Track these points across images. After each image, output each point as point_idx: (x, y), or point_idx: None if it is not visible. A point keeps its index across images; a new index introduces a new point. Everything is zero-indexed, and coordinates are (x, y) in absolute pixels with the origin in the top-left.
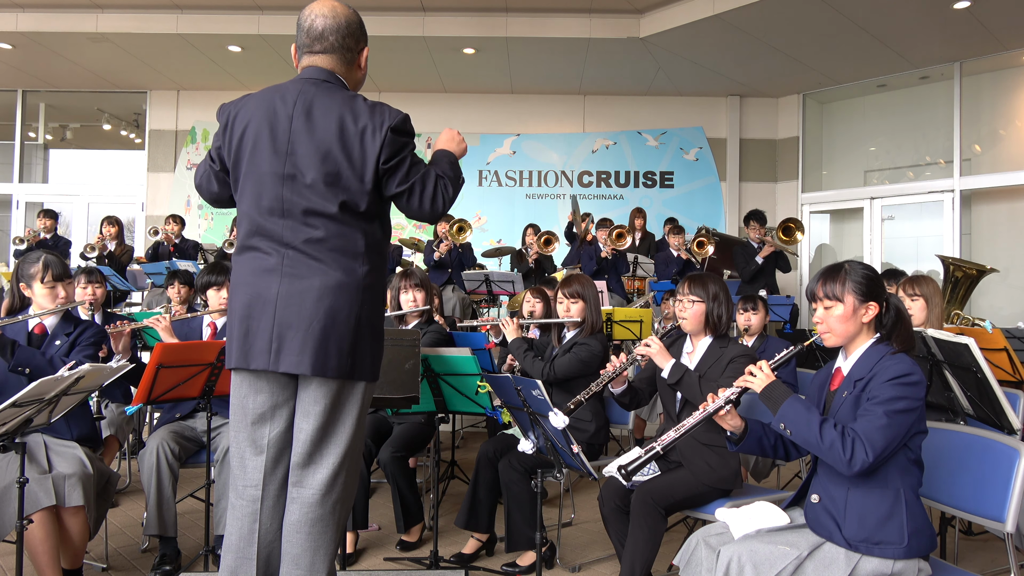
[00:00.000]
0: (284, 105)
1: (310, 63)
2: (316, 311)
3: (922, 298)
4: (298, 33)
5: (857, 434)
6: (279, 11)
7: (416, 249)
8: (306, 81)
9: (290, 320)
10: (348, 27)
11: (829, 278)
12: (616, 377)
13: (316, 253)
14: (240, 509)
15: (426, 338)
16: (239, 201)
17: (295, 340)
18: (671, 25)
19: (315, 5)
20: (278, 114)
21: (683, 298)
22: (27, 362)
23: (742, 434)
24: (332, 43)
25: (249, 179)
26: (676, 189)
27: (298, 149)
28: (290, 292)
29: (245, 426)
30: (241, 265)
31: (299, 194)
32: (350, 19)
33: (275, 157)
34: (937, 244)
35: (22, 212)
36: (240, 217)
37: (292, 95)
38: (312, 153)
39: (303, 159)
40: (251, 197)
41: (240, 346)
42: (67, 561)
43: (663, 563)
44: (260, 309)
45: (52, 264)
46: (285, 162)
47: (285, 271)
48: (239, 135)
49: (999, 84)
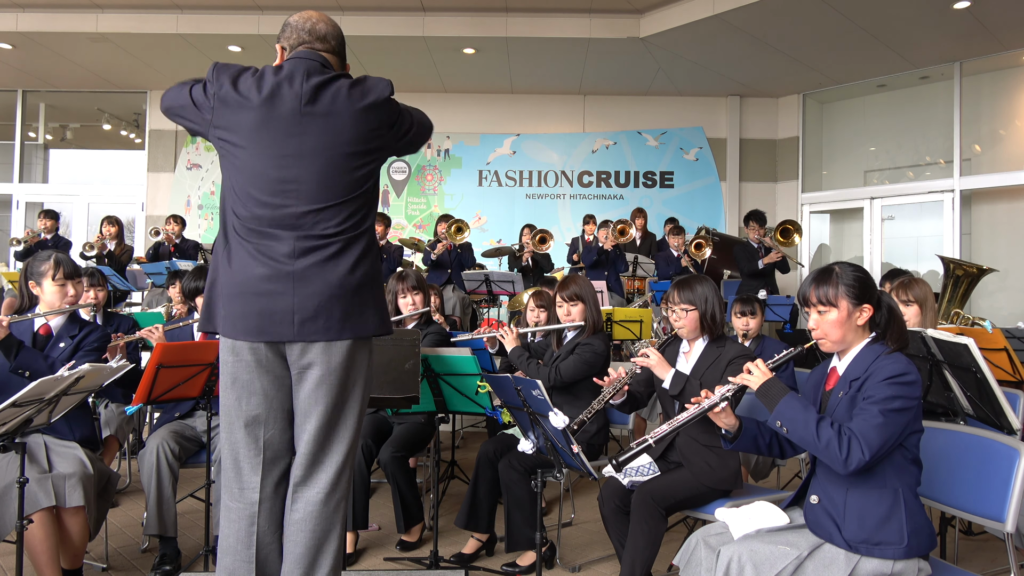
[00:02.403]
0: (290, 84)
1: (310, 50)
2: (343, 279)
3: (915, 303)
4: (294, 32)
5: (853, 433)
6: (279, 11)
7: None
8: (309, 61)
9: (314, 291)
10: (342, 40)
11: (821, 282)
12: (616, 392)
13: (329, 222)
14: (236, 512)
15: (427, 339)
16: (238, 170)
17: (322, 311)
18: (671, 25)
19: (313, 13)
20: (282, 92)
21: (675, 307)
22: (29, 365)
23: (736, 432)
24: (332, 46)
25: (251, 152)
26: (676, 189)
27: (310, 126)
28: (309, 263)
29: (239, 427)
30: (246, 239)
31: (312, 162)
32: (342, 35)
33: (285, 130)
34: (937, 244)
35: (22, 212)
36: (240, 186)
37: (300, 71)
38: (324, 126)
39: (315, 131)
40: (255, 167)
41: (257, 323)
42: (67, 561)
43: (663, 563)
44: (277, 282)
45: (63, 262)
46: (299, 135)
47: (298, 245)
48: (240, 100)
49: (999, 84)
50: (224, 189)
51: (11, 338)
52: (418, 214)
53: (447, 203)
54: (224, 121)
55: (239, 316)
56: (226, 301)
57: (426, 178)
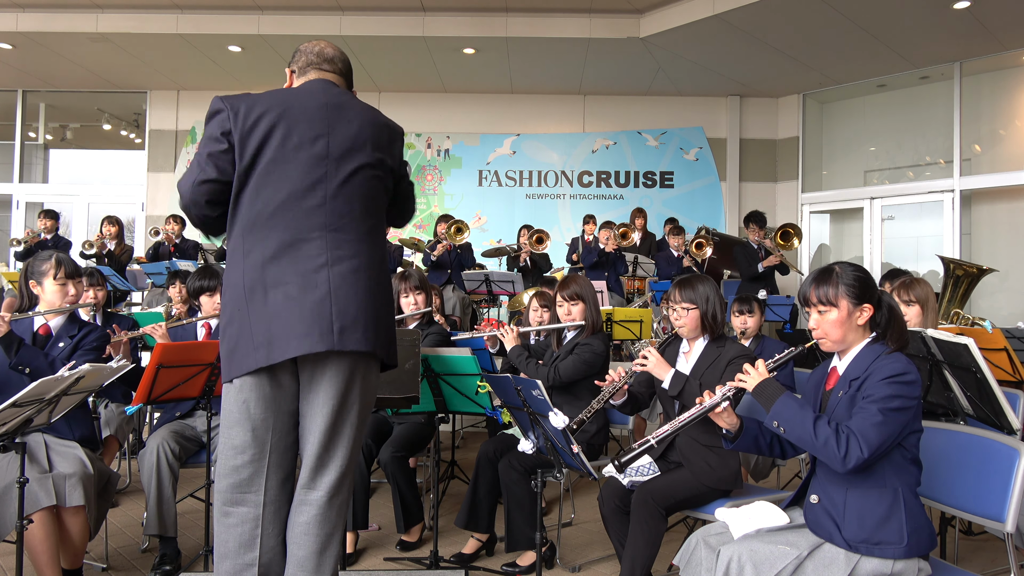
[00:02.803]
0: (312, 97)
1: (320, 76)
2: (369, 291)
3: (917, 303)
4: (303, 55)
5: (852, 431)
6: (279, 11)
7: (416, 249)
8: (326, 82)
9: (348, 301)
10: (349, 65)
11: (821, 282)
12: (616, 392)
13: (358, 235)
14: (238, 515)
15: (427, 339)
16: (259, 188)
17: (359, 320)
18: (671, 25)
19: (321, 41)
20: (307, 106)
21: (675, 306)
22: (29, 362)
23: (737, 432)
24: (340, 68)
25: (279, 164)
26: (676, 189)
27: (337, 139)
28: (342, 273)
29: (246, 431)
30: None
31: (341, 179)
32: (348, 61)
33: (313, 143)
34: (937, 244)
35: (22, 212)
36: (263, 202)
37: (318, 89)
38: (352, 140)
39: (345, 145)
40: (281, 181)
41: (300, 331)
42: (67, 561)
43: (663, 563)
44: (312, 291)
45: (64, 261)
46: (328, 147)
47: (331, 254)
48: (258, 122)
49: (999, 84)
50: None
51: (11, 334)
52: (418, 214)
53: (447, 203)
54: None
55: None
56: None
57: (426, 178)
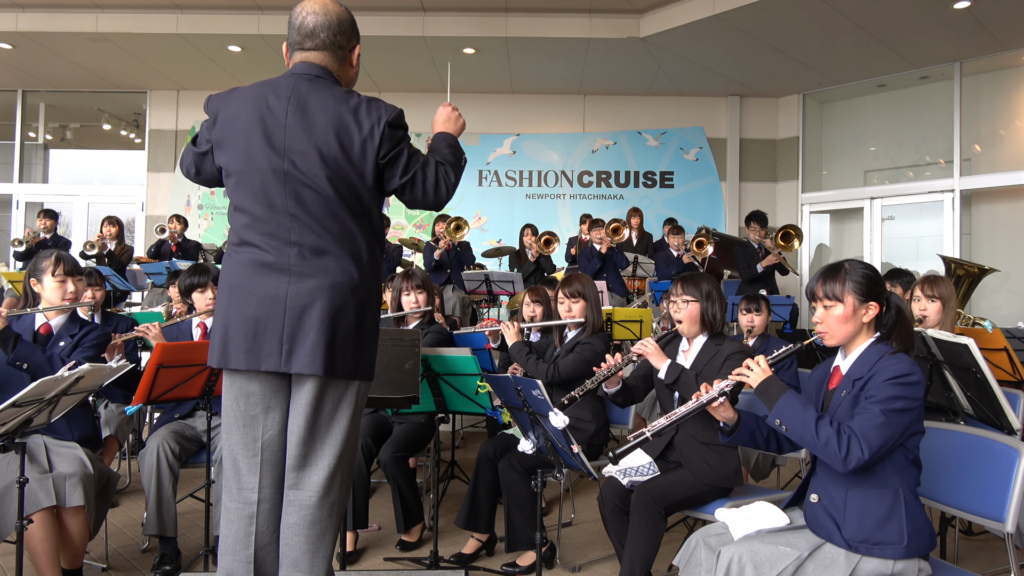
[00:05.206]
0: (278, 100)
1: (302, 59)
2: (326, 311)
3: (940, 300)
4: (289, 31)
5: (853, 431)
6: (279, 11)
7: (416, 249)
8: (299, 77)
9: (301, 320)
10: (339, 24)
11: (829, 278)
12: (611, 377)
13: (320, 251)
14: (235, 512)
15: (428, 339)
16: (232, 194)
17: (307, 340)
18: (671, 25)
19: (306, 3)
20: (272, 110)
21: (676, 299)
22: (26, 357)
23: (734, 426)
24: (323, 40)
25: (244, 174)
26: (676, 189)
27: (294, 145)
28: (299, 292)
29: (238, 428)
30: (238, 262)
31: (299, 191)
32: (341, 16)
33: (271, 152)
34: (937, 244)
35: (22, 212)
36: (234, 212)
37: (285, 90)
38: (310, 149)
39: (300, 156)
40: (247, 192)
41: (248, 347)
42: (67, 561)
43: (663, 563)
44: (269, 309)
45: (64, 259)
46: (283, 159)
47: (293, 270)
48: (229, 127)
49: (999, 84)
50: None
51: (8, 330)
52: (418, 214)
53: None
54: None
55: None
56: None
57: None
